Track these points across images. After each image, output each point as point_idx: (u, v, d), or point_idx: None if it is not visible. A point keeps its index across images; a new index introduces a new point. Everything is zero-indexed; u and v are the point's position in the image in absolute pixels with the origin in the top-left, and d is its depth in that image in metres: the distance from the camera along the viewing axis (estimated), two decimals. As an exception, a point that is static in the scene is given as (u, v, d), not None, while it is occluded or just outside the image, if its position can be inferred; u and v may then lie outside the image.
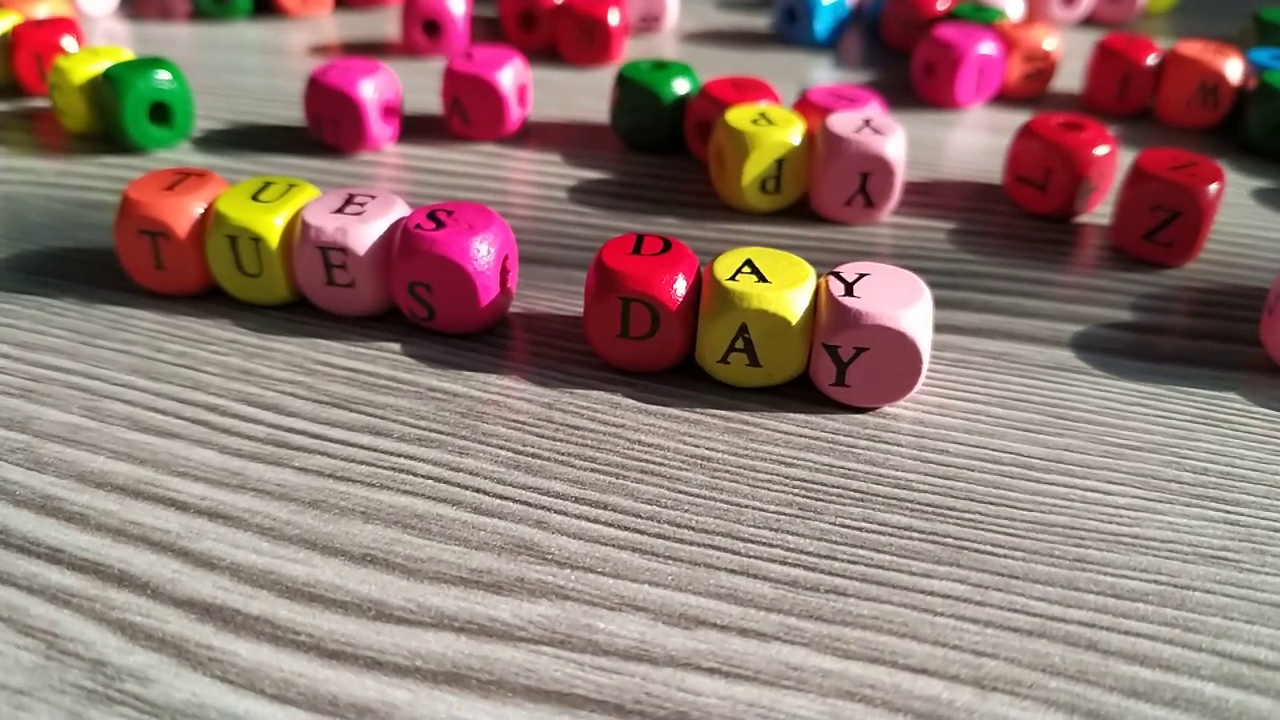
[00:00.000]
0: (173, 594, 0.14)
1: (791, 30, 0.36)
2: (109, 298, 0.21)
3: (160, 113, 0.27)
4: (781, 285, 0.17)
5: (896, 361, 0.17)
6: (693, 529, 0.15)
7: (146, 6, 0.40)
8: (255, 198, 0.20)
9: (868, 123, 0.23)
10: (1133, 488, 0.16)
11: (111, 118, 0.26)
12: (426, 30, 0.34)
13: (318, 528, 0.15)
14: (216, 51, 0.35)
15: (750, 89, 0.26)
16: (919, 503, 0.16)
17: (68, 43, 0.30)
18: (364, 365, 0.19)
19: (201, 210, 0.20)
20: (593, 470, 0.16)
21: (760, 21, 0.39)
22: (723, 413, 0.18)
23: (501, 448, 0.17)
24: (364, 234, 0.19)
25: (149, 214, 0.19)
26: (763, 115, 0.24)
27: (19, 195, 0.25)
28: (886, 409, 0.18)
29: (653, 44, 0.37)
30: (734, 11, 0.41)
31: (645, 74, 0.27)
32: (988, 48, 0.30)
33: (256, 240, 0.19)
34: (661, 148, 0.27)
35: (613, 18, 0.33)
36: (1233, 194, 0.26)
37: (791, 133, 0.23)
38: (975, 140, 0.29)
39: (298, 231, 0.19)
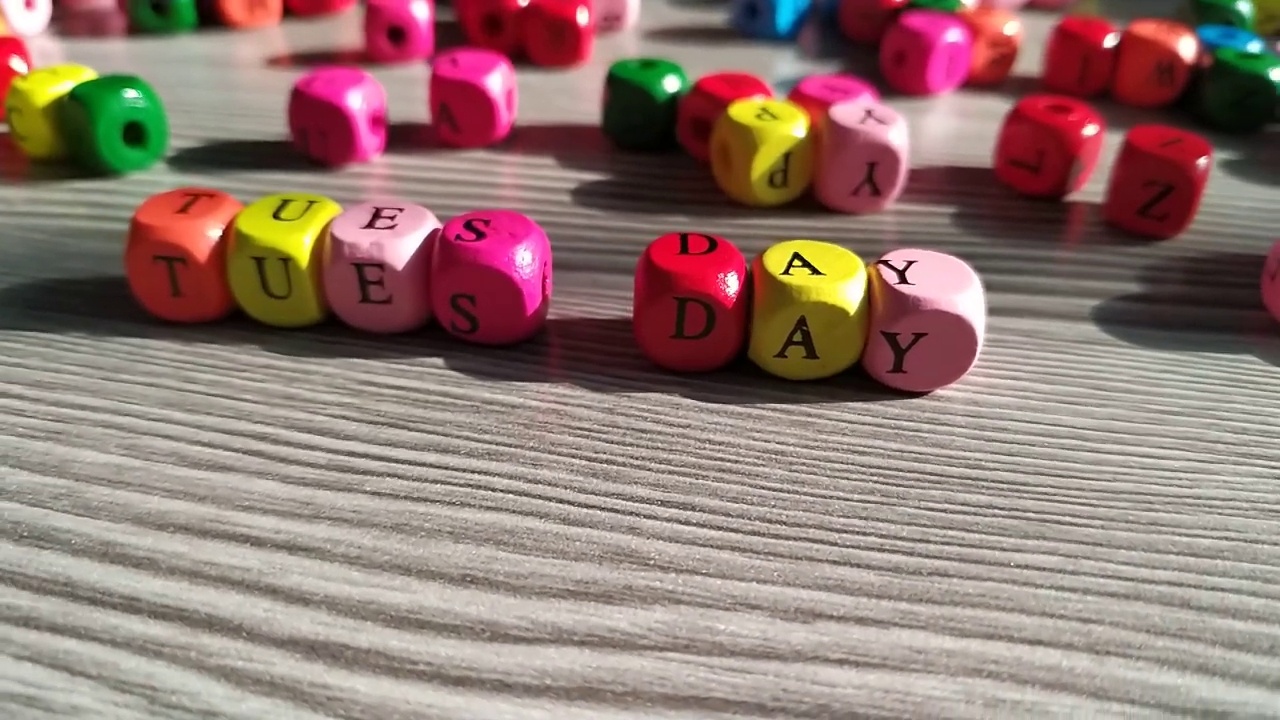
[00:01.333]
0: (270, 634, 0.13)
1: (752, 25, 0.36)
2: (119, 328, 0.19)
3: (134, 133, 0.26)
4: (836, 277, 0.17)
5: (953, 345, 0.17)
6: (785, 524, 0.15)
7: (76, 23, 0.38)
8: (277, 216, 0.19)
9: (870, 113, 0.24)
10: (1183, 451, 0.17)
11: (82, 140, 0.25)
12: (391, 37, 0.33)
13: (407, 552, 0.15)
14: (163, 67, 0.33)
15: (743, 84, 0.26)
16: (992, 480, 0.16)
17: (16, 64, 0.28)
18: (410, 382, 0.18)
19: (219, 232, 0.19)
20: (670, 473, 0.16)
21: (716, 17, 0.40)
22: (783, 406, 0.18)
23: (573, 456, 0.16)
24: (400, 248, 0.18)
25: (165, 239, 0.18)
26: (765, 110, 0.24)
27: (-11, 226, 0.23)
28: (939, 392, 0.18)
29: (615, 43, 0.37)
30: (689, 8, 0.41)
31: (636, 73, 0.27)
32: (955, 35, 0.31)
33: (285, 261, 0.18)
34: (652, 146, 0.27)
35: (582, 17, 0.32)
36: (1198, 167, 0.28)
37: (796, 126, 0.23)
38: (950, 126, 0.30)
39: (328, 249, 0.19)
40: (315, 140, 0.26)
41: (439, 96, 0.26)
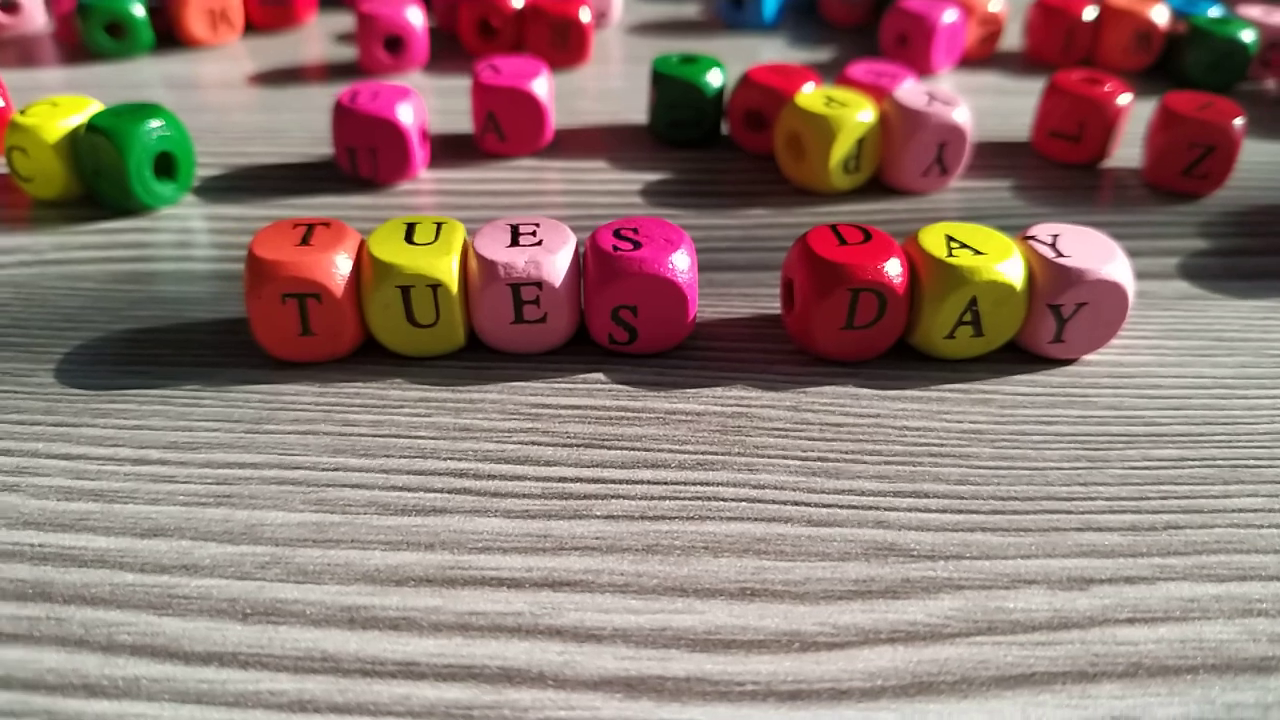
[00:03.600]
0: (579, 678, 0.13)
1: (737, 15, 0.37)
2: (237, 376, 0.18)
3: (164, 164, 0.24)
4: (997, 255, 0.18)
5: (1109, 311, 0.18)
6: (1017, 499, 0.16)
7: (3, 53, 0.34)
8: (411, 241, 0.18)
9: (933, 96, 0.24)
10: (1317, 389, 0.18)
11: (107, 176, 0.23)
12: (388, 47, 0.31)
13: (672, 572, 0.14)
14: (129, 93, 0.31)
15: (793, 74, 0.26)
16: (1173, 435, 0.17)
17: (-5, 98, 0.25)
18: (583, 400, 0.18)
19: (351, 263, 0.18)
20: (886, 463, 0.16)
21: (690, 9, 0.40)
22: (958, 385, 0.18)
23: (784, 457, 0.16)
24: (555, 265, 0.18)
25: (299, 274, 0.17)
26: (831, 98, 0.24)
27: (27, 281, 0.21)
28: (1086, 358, 0.19)
29: (605, 39, 0.36)
30: (662, 2, 0.40)
31: (681, 69, 0.26)
32: (952, 15, 0.32)
33: (434, 287, 0.17)
34: (697, 142, 0.27)
35: (584, 15, 0.32)
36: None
37: (864, 112, 0.24)
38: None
39: (475, 271, 0.18)
40: (365, 159, 0.24)
41: (485, 105, 0.25)
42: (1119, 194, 0.25)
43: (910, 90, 0.25)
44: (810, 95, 0.24)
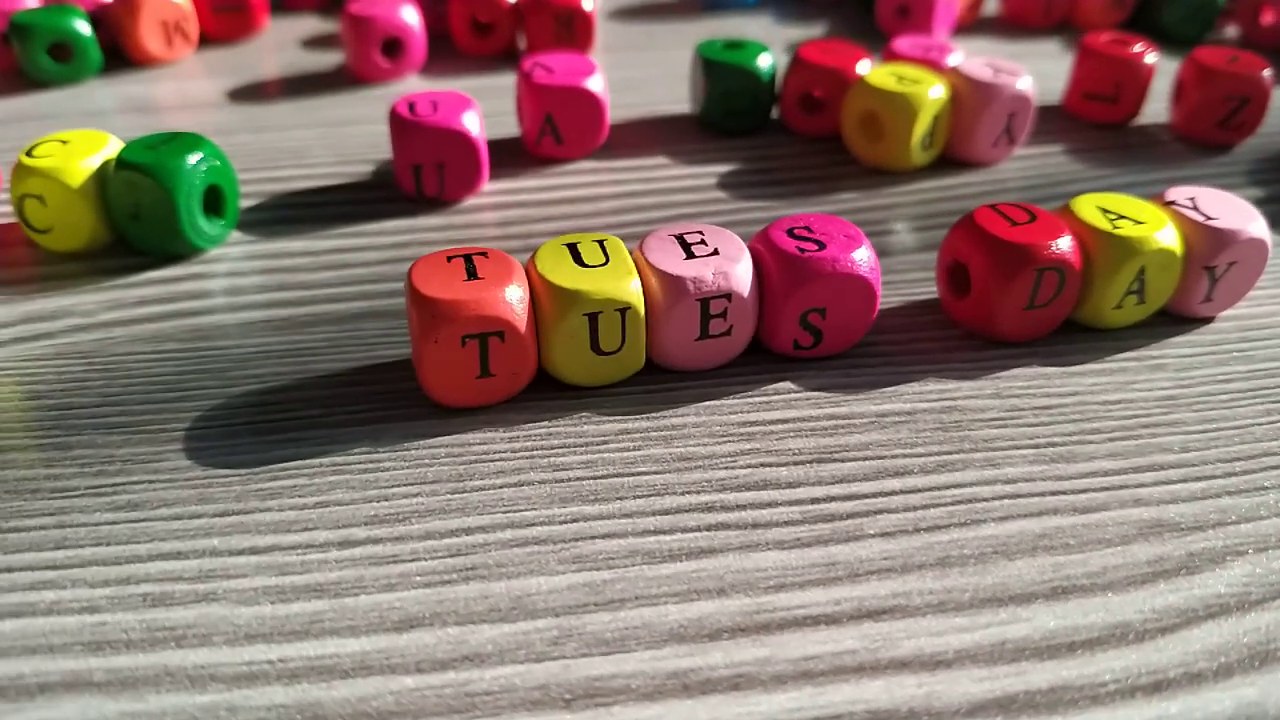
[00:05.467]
0: (949, 708, 0.12)
1: (720, -4, 0.36)
2: (403, 431, 0.16)
3: (213, 201, 0.21)
4: (1154, 223, 0.18)
5: (1252, 268, 0.19)
6: (1240, 459, 0.16)
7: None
8: (583, 264, 0.17)
9: (996, 67, 0.25)
10: None
11: (152, 219, 0.20)
12: (385, 51, 0.29)
13: (978, 582, 0.14)
14: (89, 121, 0.27)
15: (843, 52, 0.26)
16: (1337, 378, 0.18)
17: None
18: (787, 413, 0.17)
19: (527, 294, 0.16)
20: (1110, 440, 0.16)
21: (657, -9, 0.39)
22: (1126, 354, 0.18)
23: (1015, 447, 0.16)
24: (741, 274, 0.17)
25: (481, 313, 0.16)
26: (902, 75, 0.24)
27: (94, 348, 0.18)
28: (1220, 315, 0.20)
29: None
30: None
31: (732, 55, 0.26)
32: (946, -16, 0.32)
33: (623, 311, 0.16)
34: (749, 129, 0.27)
35: (587, 3, 0.30)
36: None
37: (937, 87, 0.24)
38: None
39: (657, 288, 0.17)
40: (431, 175, 0.22)
41: (542, 107, 0.24)
42: (1162, 148, 0.27)
43: (973, 63, 0.25)
44: (880, 73, 0.24)
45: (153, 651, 0.13)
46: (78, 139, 0.21)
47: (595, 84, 0.24)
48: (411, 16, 0.29)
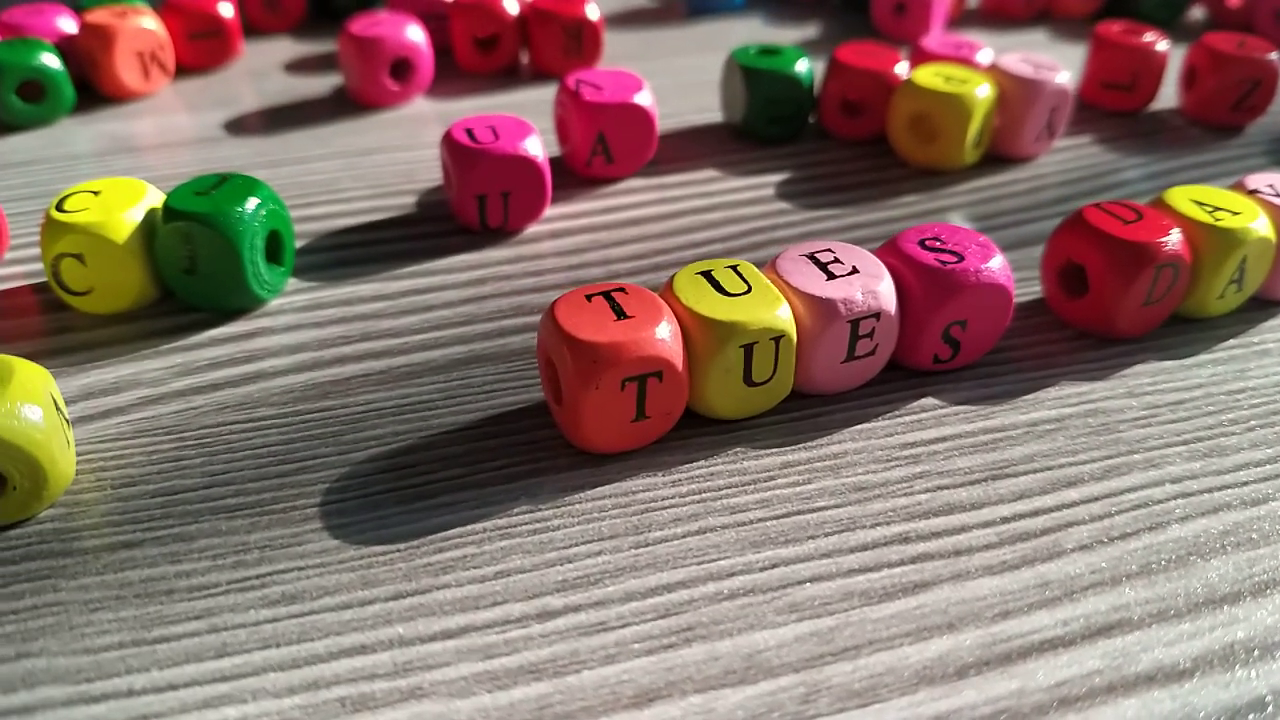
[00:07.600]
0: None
1: (709, 1, 0.35)
2: (559, 485, 0.15)
3: (273, 247, 0.19)
4: (1249, 214, 0.19)
5: (1333, 248, 0.20)
6: (1380, 438, 0.17)
7: None
8: (723, 291, 0.16)
9: (1035, 63, 0.25)
10: None
11: (211, 271, 0.18)
12: (394, 74, 0.27)
13: (1187, 586, 0.14)
14: (67, 166, 0.25)
15: (878, 54, 0.26)
16: None
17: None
18: (942, 430, 0.17)
19: (677, 329, 0.15)
20: (1249, 430, 0.17)
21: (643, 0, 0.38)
22: (1228, 343, 0.19)
23: (1166, 446, 0.16)
24: (886, 292, 0.16)
25: (642, 354, 0.15)
26: (949, 75, 0.24)
27: (177, 423, 0.17)
28: (1296, 294, 0.20)
29: (576, 38, 0.34)
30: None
31: (771, 61, 0.25)
32: (940, -20, 0.33)
33: (778, 339, 0.16)
34: (789, 136, 0.26)
35: (592, 13, 0.29)
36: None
37: (983, 86, 0.24)
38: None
39: (805, 315, 0.16)
40: (495, 205, 0.21)
41: (594, 126, 0.23)
42: (1181, 133, 0.27)
43: (1011, 59, 0.25)
44: (927, 74, 0.24)
45: (377, 761, 0.12)
46: (110, 188, 0.19)
47: (645, 99, 0.24)
48: (418, 35, 0.28)
